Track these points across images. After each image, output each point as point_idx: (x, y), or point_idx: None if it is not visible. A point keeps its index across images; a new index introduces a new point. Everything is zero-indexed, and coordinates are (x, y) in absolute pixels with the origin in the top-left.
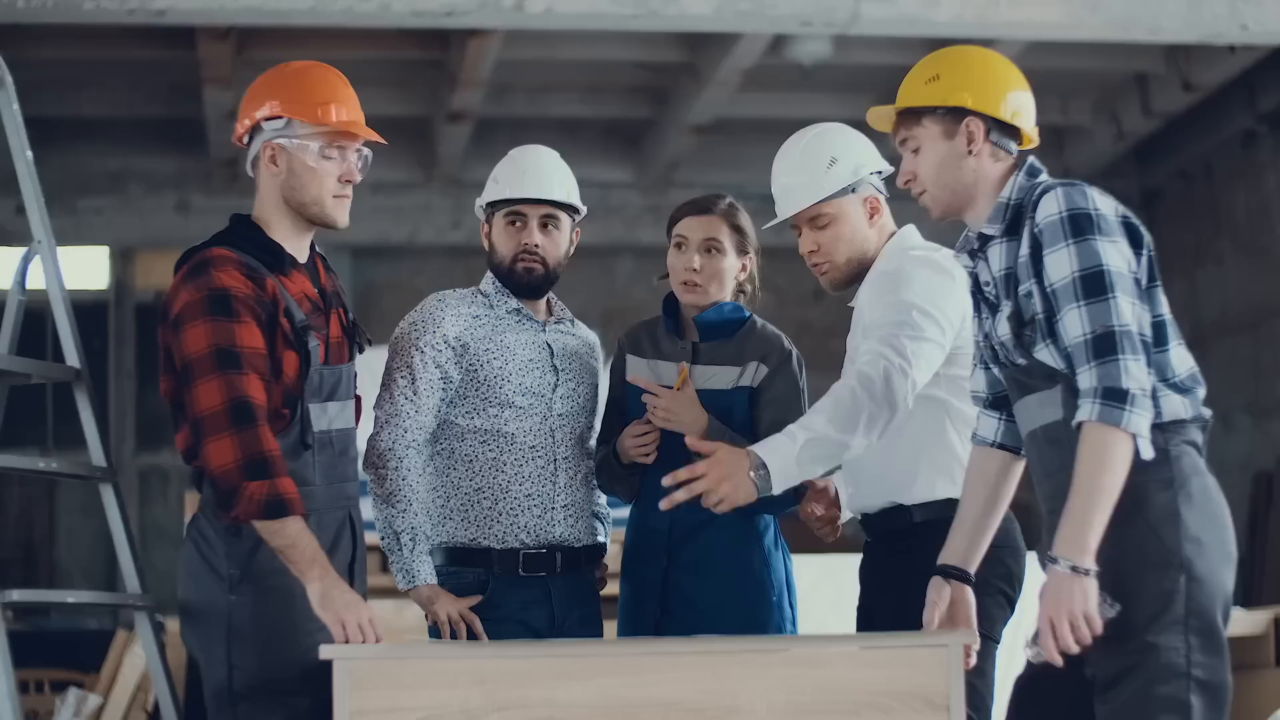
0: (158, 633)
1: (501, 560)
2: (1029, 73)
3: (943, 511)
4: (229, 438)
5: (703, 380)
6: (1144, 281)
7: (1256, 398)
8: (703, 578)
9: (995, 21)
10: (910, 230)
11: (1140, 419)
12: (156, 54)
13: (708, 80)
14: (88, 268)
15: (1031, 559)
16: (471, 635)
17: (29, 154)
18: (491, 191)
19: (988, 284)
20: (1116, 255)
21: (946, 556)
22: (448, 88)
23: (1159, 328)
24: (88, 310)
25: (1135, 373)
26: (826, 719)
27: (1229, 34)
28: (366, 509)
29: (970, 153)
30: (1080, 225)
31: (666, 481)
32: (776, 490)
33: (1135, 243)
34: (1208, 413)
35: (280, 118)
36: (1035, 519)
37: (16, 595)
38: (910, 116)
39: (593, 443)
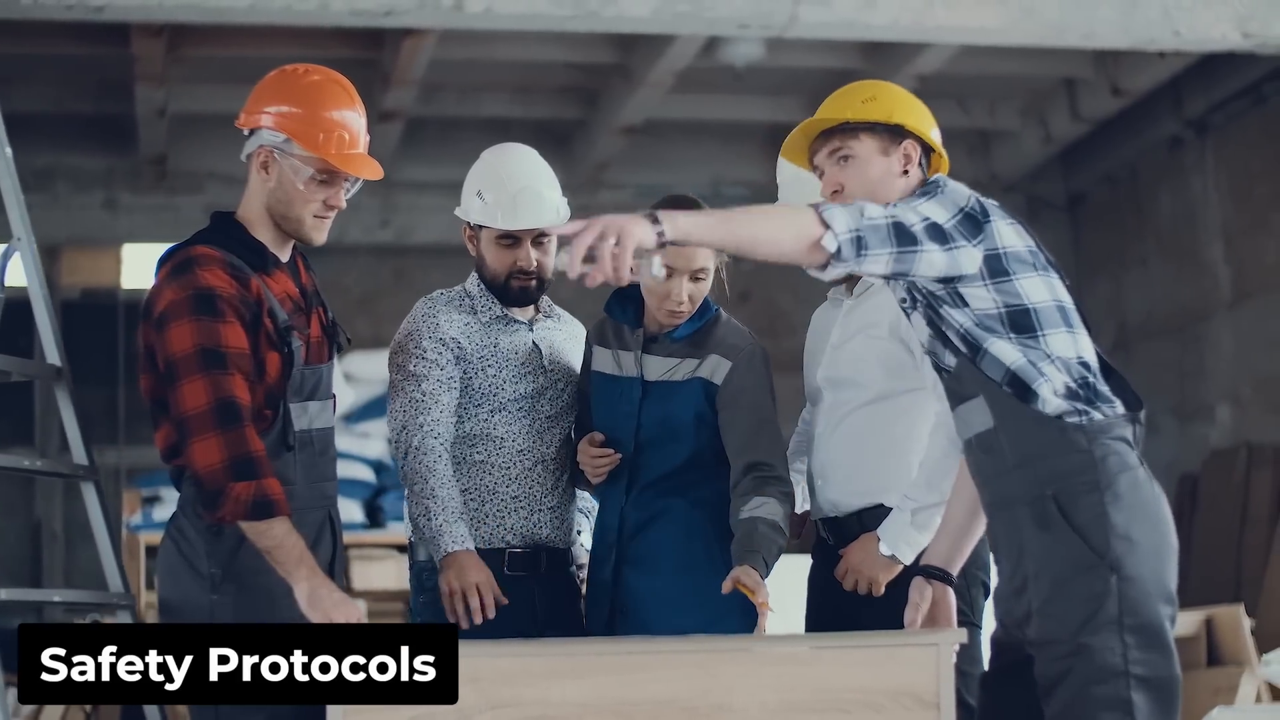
0: None
1: (487, 559)
2: (958, 77)
3: None
4: (215, 438)
5: (658, 371)
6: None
7: (1181, 400)
8: (652, 573)
9: (931, 25)
10: None
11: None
12: (88, 50)
13: (640, 81)
14: (12, 265)
15: None
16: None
17: (8, 150)
18: (480, 212)
19: (903, 300)
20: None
21: (930, 557)
22: (380, 87)
23: (1054, 312)
24: (12, 307)
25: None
26: (818, 717)
27: (1162, 40)
28: (346, 510)
29: (905, 172)
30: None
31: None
32: (909, 560)
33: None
34: (1119, 406)
35: (281, 133)
36: None
37: (5, 594)
38: (848, 130)
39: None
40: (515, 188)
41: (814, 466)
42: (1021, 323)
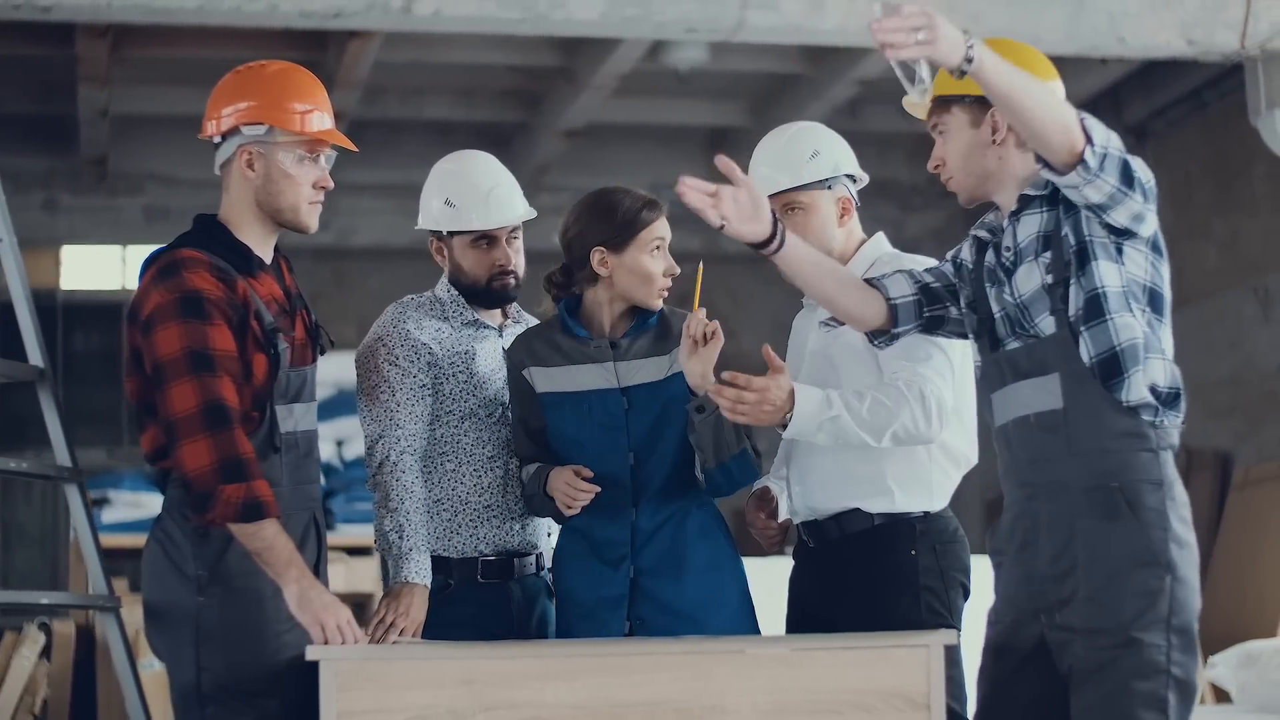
0: (123, 633)
1: (460, 568)
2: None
3: (899, 520)
4: (204, 440)
5: (631, 376)
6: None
7: None
8: (675, 577)
9: None
10: (881, 237)
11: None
12: (30, 50)
13: (583, 85)
14: None
15: (979, 560)
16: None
17: None
18: (452, 219)
19: (1008, 249)
20: None
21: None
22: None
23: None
24: None
25: None
26: (810, 718)
27: (1107, 47)
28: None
29: (994, 142)
30: None
31: (726, 377)
32: (788, 436)
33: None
34: (1180, 419)
35: (261, 124)
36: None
37: (4, 596)
38: (942, 104)
39: None
40: (487, 188)
41: (791, 472)
42: (1158, 303)
